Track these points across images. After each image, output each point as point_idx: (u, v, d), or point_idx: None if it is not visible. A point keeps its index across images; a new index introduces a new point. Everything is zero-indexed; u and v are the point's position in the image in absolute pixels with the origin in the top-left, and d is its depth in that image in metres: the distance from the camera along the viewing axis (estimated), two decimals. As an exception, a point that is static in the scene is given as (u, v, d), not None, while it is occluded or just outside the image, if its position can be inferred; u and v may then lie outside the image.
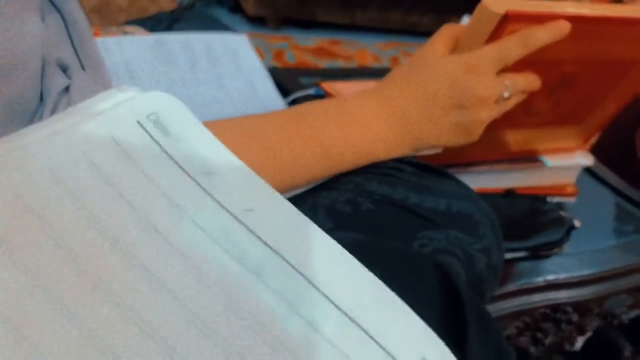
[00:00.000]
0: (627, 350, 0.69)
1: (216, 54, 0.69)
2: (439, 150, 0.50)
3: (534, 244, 0.56)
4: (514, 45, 0.43)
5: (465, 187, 0.42)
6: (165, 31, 0.71)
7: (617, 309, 0.64)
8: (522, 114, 0.56)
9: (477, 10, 0.45)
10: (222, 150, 0.17)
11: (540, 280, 0.55)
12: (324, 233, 0.19)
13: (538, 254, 0.57)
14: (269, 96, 0.68)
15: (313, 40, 2.36)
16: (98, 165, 0.15)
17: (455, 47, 0.47)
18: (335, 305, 0.15)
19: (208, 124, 0.38)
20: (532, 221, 0.59)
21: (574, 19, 0.44)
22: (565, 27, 0.44)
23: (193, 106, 0.65)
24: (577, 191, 0.68)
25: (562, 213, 0.62)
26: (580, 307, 0.59)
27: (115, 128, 0.16)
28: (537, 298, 0.55)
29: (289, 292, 0.14)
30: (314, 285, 0.15)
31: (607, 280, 0.59)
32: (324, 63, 2.33)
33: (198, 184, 0.16)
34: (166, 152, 0.16)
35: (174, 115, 0.18)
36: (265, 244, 0.15)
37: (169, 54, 0.66)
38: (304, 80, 0.83)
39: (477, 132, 0.45)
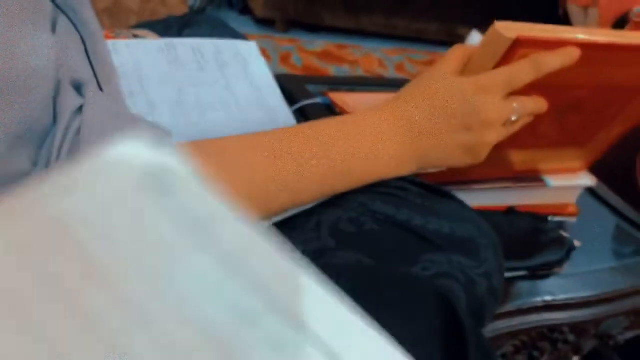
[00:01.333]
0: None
1: (225, 58, 0.70)
2: (443, 169, 0.50)
3: (533, 264, 0.57)
4: (524, 70, 0.44)
5: (469, 210, 0.43)
6: (176, 36, 0.72)
7: (614, 330, 0.65)
8: (528, 136, 0.57)
9: (489, 33, 0.45)
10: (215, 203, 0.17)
11: (538, 300, 0.55)
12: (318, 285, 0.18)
13: (537, 273, 0.58)
14: (276, 102, 0.68)
15: (320, 43, 2.37)
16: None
17: (466, 68, 0.47)
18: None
19: (215, 140, 0.39)
20: (532, 240, 0.60)
21: (584, 46, 0.45)
22: (575, 53, 0.45)
23: (199, 106, 0.65)
24: (578, 212, 0.68)
25: (563, 233, 0.63)
26: (577, 328, 0.60)
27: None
28: (534, 318, 0.55)
29: (283, 344, 0.14)
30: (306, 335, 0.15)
31: (605, 303, 0.59)
32: (330, 67, 2.33)
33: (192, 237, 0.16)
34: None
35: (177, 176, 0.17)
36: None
37: (178, 57, 0.67)
38: (311, 87, 0.83)
39: (483, 154, 0.45)
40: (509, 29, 0.44)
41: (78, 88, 0.32)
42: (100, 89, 0.33)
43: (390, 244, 0.37)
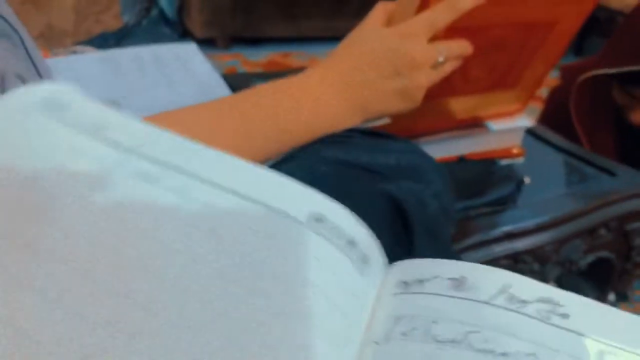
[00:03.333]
0: (592, 295, 0.74)
1: (165, 61, 0.71)
2: (388, 121, 0.53)
3: (488, 199, 0.60)
4: (442, 12, 0.47)
5: (411, 144, 0.45)
6: (114, 48, 0.73)
7: (574, 255, 0.69)
8: (461, 81, 0.60)
9: (405, -15, 0.49)
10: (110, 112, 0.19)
11: (497, 232, 0.59)
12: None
13: (493, 208, 0.61)
14: (224, 95, 0.70)
15: (263, 55, 2.40)
16: None
17: (390, 21, 0.50)
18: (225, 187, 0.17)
19: (154, 118, 0.40)
20: (484, 180, 0.63)
21: None
22: None
23: (147, 111, 0.66)
24: (524, 152, 0.72)
25: (512, 172, 0.66)
26: (538, 255, 0.63)
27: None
28: (498, 249, 0.59)
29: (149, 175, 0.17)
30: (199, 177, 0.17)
31: (559, 226, 0.63)
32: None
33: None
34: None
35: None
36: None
37: (119, 66, 0.68)
38: (257, 82, 0.86)
39: (418, 97, 0.48)
40: (421, -23, 0.47)
41: (23, 82, 0.33)
42: None
43: (343, 181, 0.39)
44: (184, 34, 2.32)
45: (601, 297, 0.77)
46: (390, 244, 0.24)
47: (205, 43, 2.35)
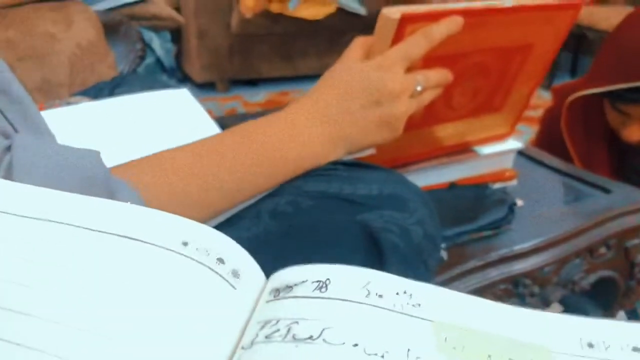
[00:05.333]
0: (597, 315, 0.72)
1: (159, 107, 0.73)
2: (373, 151, 0.54)
3: (480, 224, 0.60)
4: (416, 42, 0.48)
5: (395, 174, 0.46)
6: (108, 97, 0.75)
7: (575, 275, 0.68)
8: (445, 108, 0.61)
9: (379, 20, 0.50)
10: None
11: (493, 256, 0.58)
12: None
13: (487, 233, 0.61)
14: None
15: (262, 95, 2.45)
16: None
17: (368, 55, 0.52)
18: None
19: (149, 155, 0.41)
20: (476, 205, 0.63)
21: (465, 13, 0.50)
22: (459, 20, 0.50)
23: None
24: (517, 174, 0.72)
25: (504, 194, 0.66)
26: (537, 278, 0.63)
27: None
28: (494, 273, 0.58)
29: None
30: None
31: (556, 245, 0.62)
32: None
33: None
34: None
35: None
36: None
37: (113, 114, 0.69)
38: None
39: (399, 127, 0.49)
40: (394, 12, 0.49)
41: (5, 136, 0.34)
42: None
43: (326, 215, 0.40)
44: (184, 79, 2.38)
45: (609, 317, 0.76)
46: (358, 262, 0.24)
47: (205, 87, 2.40)
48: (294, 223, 0.39)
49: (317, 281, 0.19)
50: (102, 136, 0.66)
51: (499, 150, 0.70)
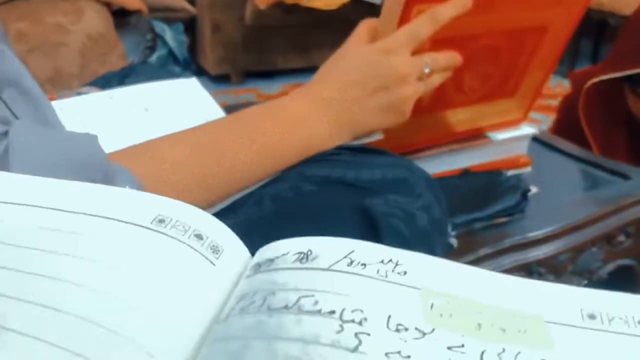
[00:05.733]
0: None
1: (167, 96, 0.73)
2: (380, 136, 0.53)
3: (492, 211, 0.59)
4: (423, 24, 0.47)
5: (400, 158, 0.45)
6: (117, 87, 0.75)
7: (593, 265, 0.66)
8: (456, 92, 0.60)
9: (385, 1, 0.49)
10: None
11: (506, 243, 0.57)
12: None
13: (500, 220, 0.59)
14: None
15: (276, 87, 2.44)
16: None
17: (374, 38, 0.51)
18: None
19: (149, 143, 0.41)
20: (489, 192, 0.62)
21: None
22: (467, 0, 0.48)
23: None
24: (531, 161, 0.71)
25: (518, 181, 0.65)
26: (552, 266, 0.61)
27: None
28: (507, 261, 0.57)
29: None
30: None
31: (571, 233, 0.61)
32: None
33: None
34: None
35: None
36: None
37: (121, 104, 0.70)
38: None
39: (406, 110, 0.47)
40: (401, -8, 0.48)
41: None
42: None
43: (329, 199, 0.39)
44: (199, 72, 2.38)
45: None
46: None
47: (220, 79, 2.40)
48: (294, 208, 0.38)
49: (299, 252, 0.18)
50: (111, 126, 0.66)
51: (513, 135, 0.68)
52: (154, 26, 1.05)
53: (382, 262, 0.18)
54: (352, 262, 0.18)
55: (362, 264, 0.18)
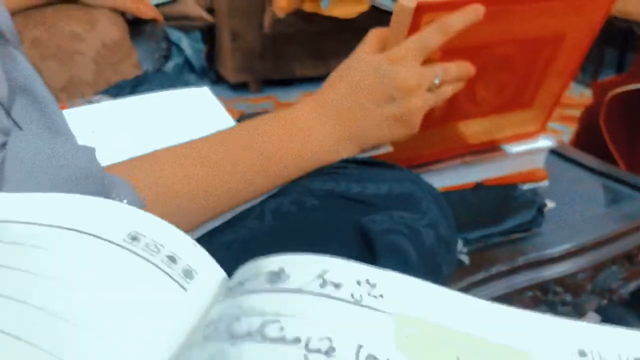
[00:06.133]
0: (637, 327, 0.67)
1: (179, 105, 0.72)
2: (389, 149, 0.51)
3: (507, 226, 0.56)
4: (432, 34, 0.45)
5: (407, 172, 0.43)
6: (129, 95, 0.75)
7: (613, 284, 0.63)
8: (469, 103, 0.58)
9: (395, 9, 0.48)
10: None
11: (520, 261, 0.55)
12: None
13: (514, 236, 0.57)
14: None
15: (295, 95, 2.44)
16: None
17: (385, 47, 0.49)
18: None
19: (153, 155, 0.40)
20: (503, 207, 0.60)
21: (486, 2, 0.47)
22: (479, 10, 0.47)
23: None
24: (548, 174, 0.68)
25: (534, 196, 0.62)
26: (570, 285, 0.58)
27: None
28: (521, 279, 0.54)
29: None
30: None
31: (590, 251, 0.58)
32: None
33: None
34: None
35: None
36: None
37: (132, 112, 0.69)
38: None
39: (415, 122, 0.46)
40: (410, 1, 0.46)
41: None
42: None
43: (332, 214, 0.37)
44: (218, 80, 2.40)
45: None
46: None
47: (239, 88, 2.41)
48: (295, 223, 0.37)
49: (270, 272, 0.17)
50: (121, 134, 0.66)
51: (529, 148, 0.66)
52: (171, 34, 1.05)
53: (357, 283, 0.17)
54: (324, 282, 0.16)
55: (335, 285, 0.16)
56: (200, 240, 0.22)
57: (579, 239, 0.59)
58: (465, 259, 0.52)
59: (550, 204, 0.63)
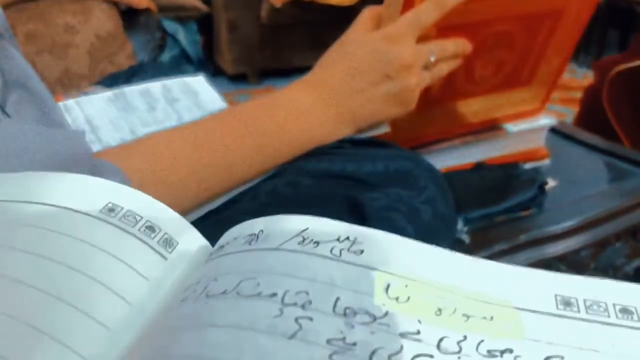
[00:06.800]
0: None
1: (174, 95, 0.72)
2: (387, 129, 0.51)
3: (507, 205, 0.56)
4: (427, 10, 0.45)
5: (404, 150, 0.43)
6: (124, 85, 0.75)
7: (617, 260, 0.62)
8: (467, 82, 0.57)
9: (389, -14, 0.47)
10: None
11: (522, 239, 0.54)
12: None
13: (516, 214, 0.57)
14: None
15: (294, 85, 2.42)
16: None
17: (379, 25, 0.48)
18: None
19: (145, 139, 0.40)
20: (504, 186, 0.59)
21: None
22: None
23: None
24: (549, 153, 0.67)
25: (535, 174, 0.62)
26: (573, 262, 0.58)
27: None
28: (523, 257, 0.54)
29: None
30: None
31: (593, 227, 0.57)
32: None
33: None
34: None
35: None
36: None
37: (128, 102, 0.69)
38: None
39: (411, 100, 0.45)
40: (404, -24, 0.45)
41: None
42: None
43: (327, 193, 0.37)
44: (216, 72, 2.39)
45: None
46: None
47: (238, 79, 2.40)
48: (289, 202, 0.37)
49: (249, 234, 0.17)
50: (116, 124, 0.66)
51: (530, 127, 0.65)
52: (167, 26, 1.04)
53: (337, 239, 0.16)
54: (304, 240, 0.16)
55: (315, 242, 0.16)
56: (195, 222, 0.22)
57: (582, 215, 0.58)
58: (465, 237, 0.52)
59: (552, 182, 0.62)
